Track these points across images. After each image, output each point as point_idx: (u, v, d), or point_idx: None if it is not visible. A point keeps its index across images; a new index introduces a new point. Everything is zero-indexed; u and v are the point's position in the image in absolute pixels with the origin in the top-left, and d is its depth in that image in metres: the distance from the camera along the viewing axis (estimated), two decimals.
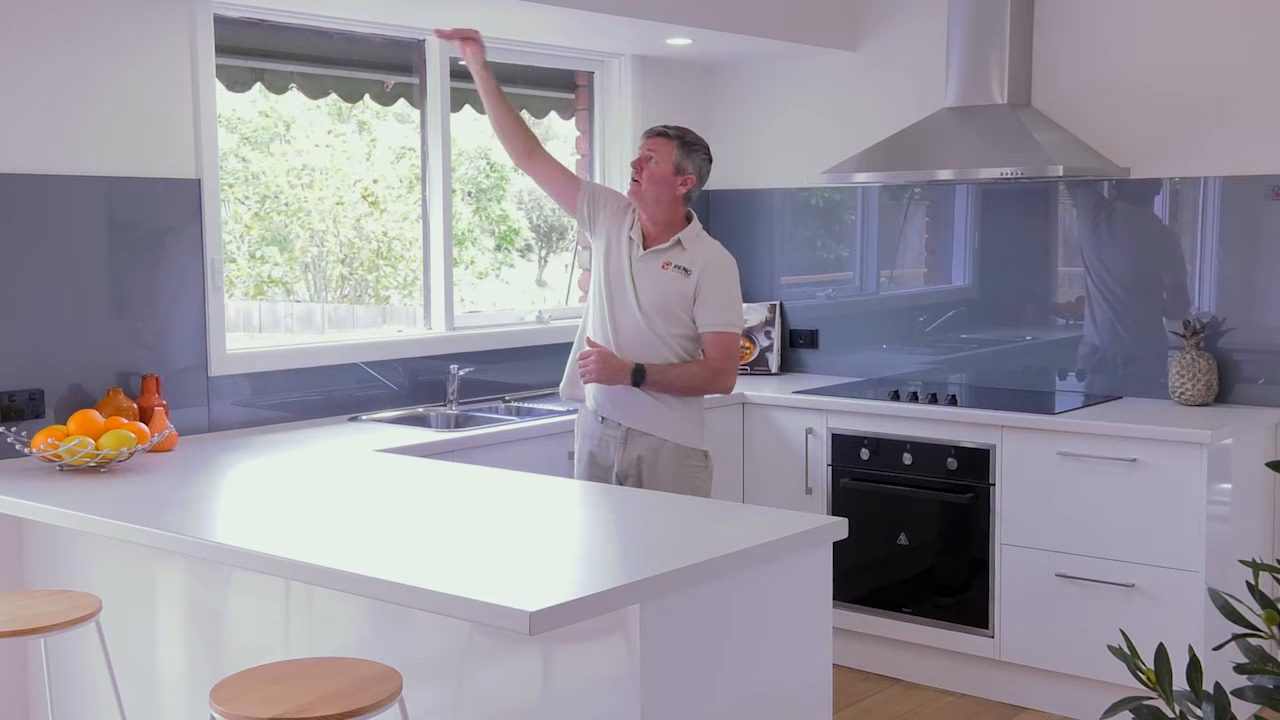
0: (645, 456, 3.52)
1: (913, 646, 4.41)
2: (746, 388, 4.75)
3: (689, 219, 3.61)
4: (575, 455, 3.72)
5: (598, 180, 5.15)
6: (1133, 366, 4.46)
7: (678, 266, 3.52)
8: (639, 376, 3.47)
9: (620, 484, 3.54)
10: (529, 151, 3.72)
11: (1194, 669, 1.50)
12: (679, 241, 3.54)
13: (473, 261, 5.17)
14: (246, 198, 4.48)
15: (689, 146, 3.56)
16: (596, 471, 3.61)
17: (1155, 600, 3.85)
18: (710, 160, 3.63)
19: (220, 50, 3.88)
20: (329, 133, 4.72)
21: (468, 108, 4.75)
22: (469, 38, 3.70)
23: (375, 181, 4.79)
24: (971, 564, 4.24)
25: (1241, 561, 1.74)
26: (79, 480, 3.19)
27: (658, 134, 3.58)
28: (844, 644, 4.38)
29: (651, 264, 3.55)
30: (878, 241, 5.09)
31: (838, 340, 5.17)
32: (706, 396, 3.64)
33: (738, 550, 2.44)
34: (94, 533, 2.91)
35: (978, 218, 4.81)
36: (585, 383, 3.57)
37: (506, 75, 4.88)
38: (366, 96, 4.50)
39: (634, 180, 3.56)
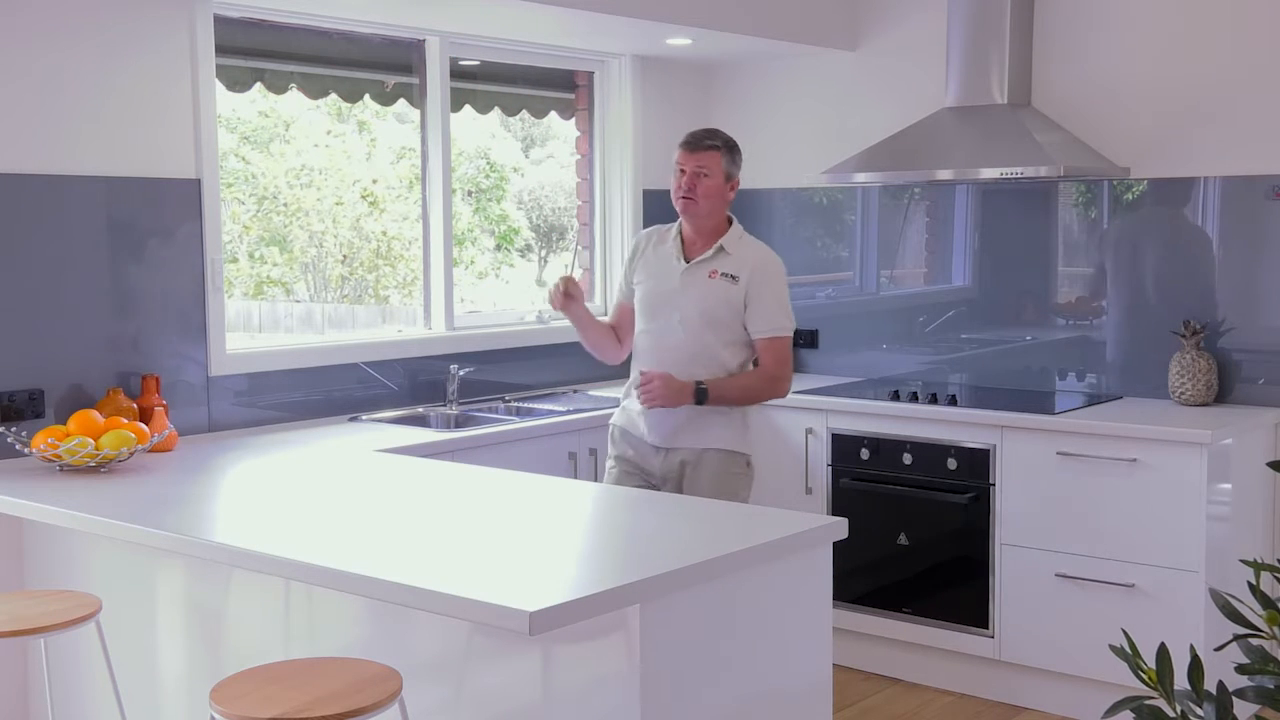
0: (689, 461, 3.45)
1: (913, 646, 4.41)
2: None
3: (729, 221, 3.56)
4: (609, 462, 3.63)
5: (597, 180, 5.16)
6: (1133, 366, 4.46)
7: (725, 274, 3.46)
8: (701, 396, 3.40)
9: (657, 489, 3.47)
10: (620, 343, 3.72)
11: (1195, 669, 1.50)
12: (722, 248, 3.49)
13: (473, 261, 5.17)
14: (244, 199, 4.48)
15: (732, 151, 3.52)
16: (631, 476, 3.54)
17: (1155, 600, 3.85)
18: (741, 153, 3.58)
19: (220, 50, 3.88)
20: (328, 133, 4.72)
21: (468, 108, 4.75)
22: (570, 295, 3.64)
23: (375, 181, 4.79)
24: (971, 564, 4.24)
25: (1243, 561, 1.74)
26: (79, 480, 3.19)
27: (706, 148, 3.48)
28: (844, 644, 4.38)
29: (698, 275, 3.49)
30: (878, 241, 5.09)
31: (838, 340, 5.17)
32: None
33: (738, 550, 2.44)
34: (94, 533, 2.91)
35: (978, 218, 4.81)
36: (649, 408, 3.42)
37: (506, 75, 4.88)
38: (366, 96, 4.50)
39: (686, 198, 3.47)
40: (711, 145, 3.49)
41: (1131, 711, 1.49)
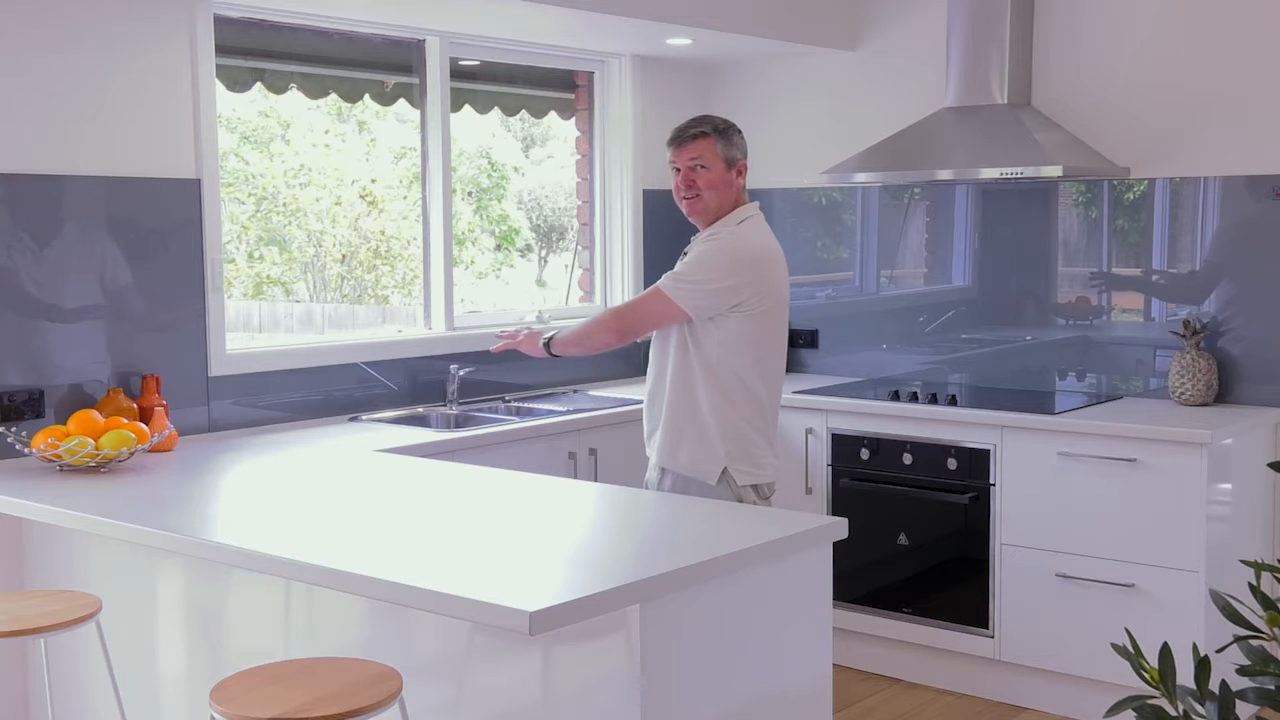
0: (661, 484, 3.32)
1: (913, 646, 4.41)
2: None
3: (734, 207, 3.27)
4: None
5: (597, 181, 5.15)
6: (1133, 366, 4.46)
7: (683, 254, 3.28)
8: (548, 344, 3.47)
9: None
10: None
11: (1202, 668, 1.49)
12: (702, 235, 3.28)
13: (473, 261, 5.17)
14: (243, 199, 4.48)
15: (726, 133, 3.25)
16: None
17: (1155, 600, 3.85)
18: (740, 131, 3.33)
19: (220, 50, 3.88)
20: (326, 132, 4.72)
21: (467, 108, 4.75)
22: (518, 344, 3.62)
23: (374, 181, 4.79)
24: (971, 564, 4.24)
25: (1243, 562, 1.74)
26: (79, 480, 3.19)
27: (695, 137, 3.24)
28: (844, 644, 4.38)
29: None
30: (878, 241, 5.09)
31: (838, 340, 5.17)
32: (740, 418, 3.22)
33: (738, 550, 2.44)
34: (94, 533, 2.90)
35: (978, 218, 4.81)
36: (499, 349, 3.68)
37: (506, 75, 4.88)
38: (366, 96, 4.50)
39: (688, 198, 3.24)
40: (699, 133, 3.24)
41: (1134, 711, 1.49)
